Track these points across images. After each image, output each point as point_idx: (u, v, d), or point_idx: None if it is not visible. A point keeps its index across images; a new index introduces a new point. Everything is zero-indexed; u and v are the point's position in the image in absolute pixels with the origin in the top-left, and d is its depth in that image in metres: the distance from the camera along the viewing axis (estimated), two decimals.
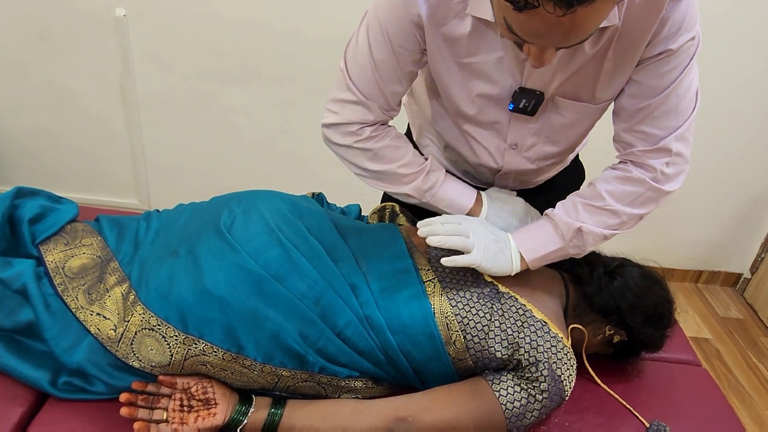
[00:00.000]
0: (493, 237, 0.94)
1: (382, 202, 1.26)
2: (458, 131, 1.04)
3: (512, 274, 0.94)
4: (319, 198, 1.19)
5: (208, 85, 2.04)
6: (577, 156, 1.25)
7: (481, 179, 1.15)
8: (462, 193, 1.03)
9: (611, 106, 0.96)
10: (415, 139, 1.22)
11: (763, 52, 1.94)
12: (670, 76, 0.86)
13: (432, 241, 0.90)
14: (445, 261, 0.89)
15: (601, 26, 0.80)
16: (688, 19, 0.82)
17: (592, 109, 0.96)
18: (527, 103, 0.93)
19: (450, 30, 0.87)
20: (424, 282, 0.93)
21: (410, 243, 1.01)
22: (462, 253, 0.91)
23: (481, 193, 1.05)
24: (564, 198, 0.99)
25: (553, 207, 0.99)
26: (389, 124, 1.03)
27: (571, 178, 1.23)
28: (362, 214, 1.22)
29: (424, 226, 0.93)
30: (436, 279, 0.93)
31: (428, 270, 0.95)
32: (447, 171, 1.15)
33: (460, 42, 0.88)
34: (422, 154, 1.09)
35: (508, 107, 0.94)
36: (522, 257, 0.94)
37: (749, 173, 2.18)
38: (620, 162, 0.97)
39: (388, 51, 0.90)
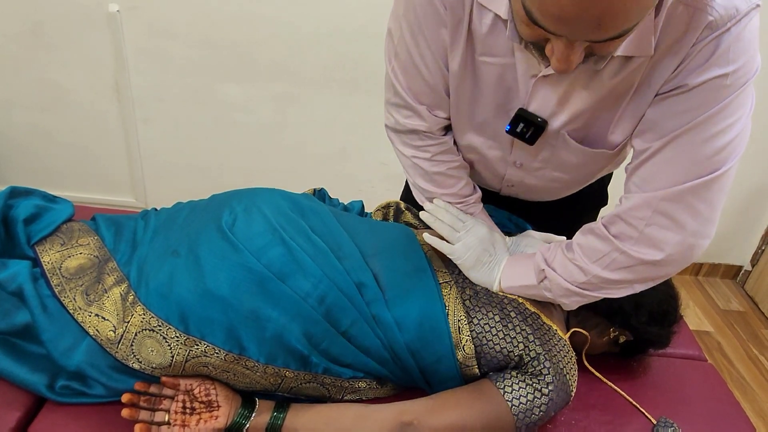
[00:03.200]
0: (488, 248, 0.93)
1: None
2: (461, 135, 0.97)
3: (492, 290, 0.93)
4: (320, 194, 1.17)
5: (204, 81, 2.02)
6: (606, 179, 1.13)
7: (488, 184, 1.07)
8: None
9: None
10: None
11: (762, 44, 1.92)
12: (683, 119, 0.69)
13: (423, 215, 0.95)
14: (426, 237, 0.94)
15: (628, 55, 0.69)
16: (724, 49, 0.65)
17: (606, 154, 0.85)
18: (525, 129, 0.82)
19: (471, 23, 0.78)
20: (440, 283, 0.92)
21: (427, 245, 1.00)
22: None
23: (511, 239, 1.02)
24: (577, 222, 0.93)
25: (567, 222, 0.97)
26: (455, 149, 0.97)
27: (593, 199, 1.12)
28: (365, 211, 1.20)
29: (434, 205, 0.96)
30: (453, 282, 0.92)
31: (445, 272, 0.95)
32: None
33: (477, 36, 0.79)
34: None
35: (505, 128, 0.84)
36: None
37: (749, 166, 2.17)
38: (606, 216, 0.84)
39: (424, 42, 0.83)
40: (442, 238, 0.95)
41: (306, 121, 2.06)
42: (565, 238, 0.96)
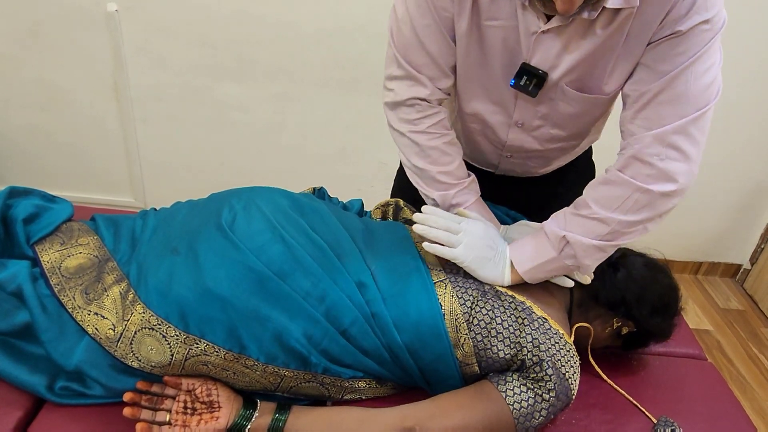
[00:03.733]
0: (489, 243, 0.93)
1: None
2: (466, 106, 1.03)
3: (504, 285, 0.94)
4: (320, 193, 1.17)
5: (203, 80, 2.01)
6: (590, 152, 1.22)
7: (487, 159, 1.14)
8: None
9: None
10: None
11: (762, 43, 1.92)
12: (678, 61, 0.80)
13: (417, 228, 0.91)
14: (426, 246, 0.91)
15: (616, 7, 0.78)
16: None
17: (601, 100, 0.93)
18: (528, 81, 0.90)
19: None
20: (435, 282, 0.91)
21: (420, 242, 0.99)
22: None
23: (505, 227, 1.05)
24: (571, 194, 0.97)
25: (560, 201, 0.98)
26: (449, 125, 1.02)
27: (582, 174, 1.19)
28: (365, 210, 1.20)
29: (423, 214, 0.94)
30: (448, 280, 0.92)
31: (440, 270, 0.94)
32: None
33: (482, 3, 0.86)
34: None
35: (510, 82, 0.92)
36: (514, 269, 0.93)
37: (748, 164, 2.18)
38: (616, 163, 0.91)
39: (430, 14, 0.89)
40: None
41: (305, 120, 2.06)
42: None
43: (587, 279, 0.98)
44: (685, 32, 0.78)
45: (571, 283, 0.98)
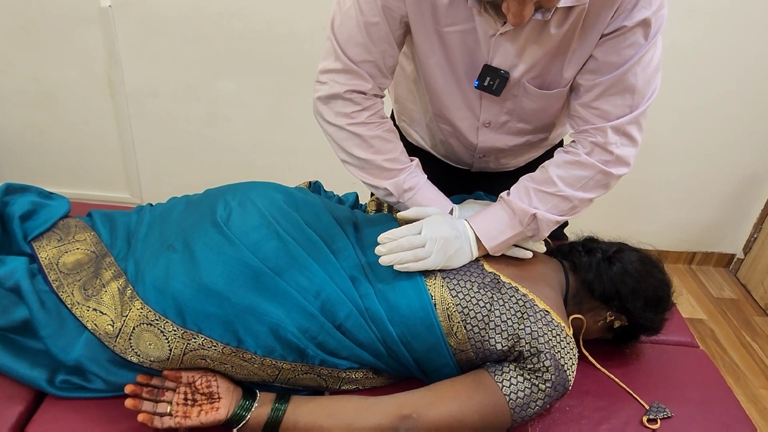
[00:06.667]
0: (453, 234, 0.92)
1: None
2: (435, 109, 1.05)
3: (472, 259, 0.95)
4: (315, 186, 1.18)
5: (198, 76, 2.01)
6: (561, 142, 1.24)
7: (461, 159, 1.17)
8: (438, 202, 1.02)
9: None
10: (396, 119, 1.22)
11: (756, 34, 1.93)
12: (626, 53, 0.86)
13: (383, 261, 0.88)
14: (399, 268, 0.88)
15: (568, 5, 0.82)
16: None
17: (562, 93, 0.97)
18: (491, 81, 0.93)
19: None
20: (425, 273, 0.92)
21: None
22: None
23: (455, 206, 1.04)
24: None
25: None
26: (385, 114, 1.02)
27: None
28: (360, 202, 1.21)
29: (383, 244, 0.89)
30: (437, 270, 0.92)
31: None
32: (427, 152, 1.20)
33: (440, 9, 0.88)
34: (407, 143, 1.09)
35: (474, 84, 0.95)
36: (481, 244, 0.95)
37: (741, 154, 2.19)
38: (572, 142, 0.98)
39: (377, 11, 0.89)
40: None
41: (300, 115, 2.06)
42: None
43: (542, 247, 1.04)
44: (631, 27, 0.83)
45: (529, 254, 1.01)
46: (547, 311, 0.90)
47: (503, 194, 0.99)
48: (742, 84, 2.02)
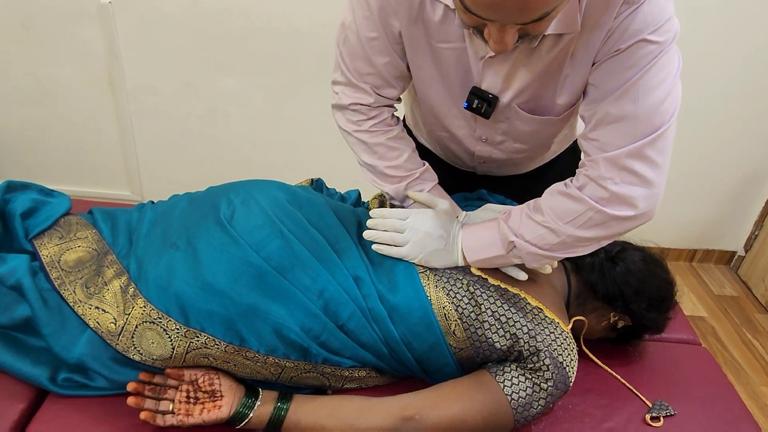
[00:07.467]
0: (440, 233, 0.93)
1: None
2: (432, 118, 1.05)
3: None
4: (318, 184, 1.17)
5: (198, 73, 2.01)
6: (575, 143, 1.22)
7: (464, 163, 1.16)
8: None
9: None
10: (405, 120, 1.22)
11: (757, 31, 1.93)
12: (622, 77, 0.77)
13: (366, 234, 0.93)
14: (375, 247, 0.93)
15: (559, 33, 0.78)
16: (641, 19, 0.74)
17: (555, 120, 0.93)
18: (480, 104, 0.90)
19: (425, 13, 0.86)
20: (419, 273, 0.91)
21: None
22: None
23: (464, 213, 1.02)
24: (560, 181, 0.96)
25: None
26: (394, 122, 1.03)
27: (567, 167, 1.15)
28: (362, 200, 1.21)
29: (373, 219, 0.95)
30: (429, 270, 0.92)
31: None
32: (433, 153, 1.19)
33: (431, 25, 0.87)
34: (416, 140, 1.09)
35: (463, 105, 0.93)
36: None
37: (742, 151, 2.19)
38: (576, 178, 0.88)
39: (377, 27, 0.89)
40: None
41: (301, 112, 2.05)
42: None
43: (548, 269, 0.96)
44: (625, 49, 0.76)
45: (524, 276, 0.93)
46: (540, 308, 0.90)
47: (502, 215, 0.94)
48: (743, 81, 2.02)
